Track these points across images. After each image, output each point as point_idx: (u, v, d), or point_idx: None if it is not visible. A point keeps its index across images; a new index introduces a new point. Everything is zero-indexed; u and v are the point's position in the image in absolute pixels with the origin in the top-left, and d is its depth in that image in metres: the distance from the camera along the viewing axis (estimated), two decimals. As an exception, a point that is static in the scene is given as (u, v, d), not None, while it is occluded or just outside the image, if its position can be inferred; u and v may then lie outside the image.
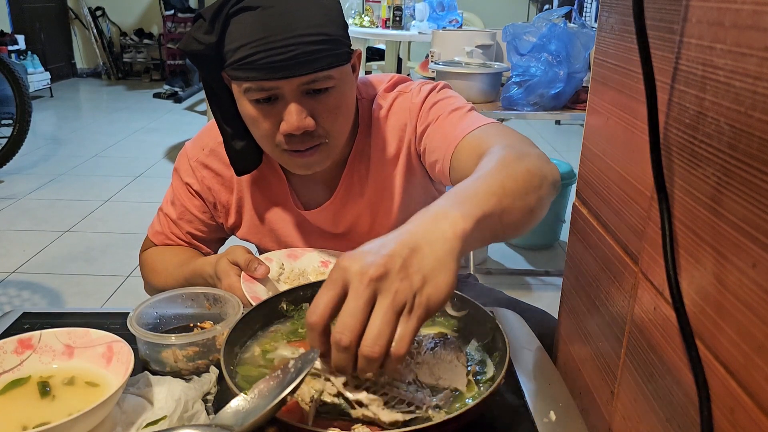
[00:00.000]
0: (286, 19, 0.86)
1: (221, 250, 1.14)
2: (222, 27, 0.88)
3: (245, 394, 0.61)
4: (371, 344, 0.52)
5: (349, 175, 1.08)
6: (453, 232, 0.57)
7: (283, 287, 1.00)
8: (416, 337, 0.74)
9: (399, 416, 0.60)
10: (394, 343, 0.53)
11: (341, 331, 0.53)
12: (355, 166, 1.08)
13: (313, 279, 1.03)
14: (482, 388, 0.67)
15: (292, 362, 0.61)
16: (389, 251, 0.55)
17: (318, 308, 0.55)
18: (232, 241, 1.21)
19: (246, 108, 0.93)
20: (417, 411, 0.62)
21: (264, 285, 0.97)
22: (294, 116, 0.89)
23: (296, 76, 0.87)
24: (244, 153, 1.01)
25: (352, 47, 0.95)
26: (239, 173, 1.04)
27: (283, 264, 1.04)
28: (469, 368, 0.70)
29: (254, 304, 0.88)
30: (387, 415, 0.60)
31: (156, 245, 1.17)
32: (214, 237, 1.18)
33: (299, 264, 1.06)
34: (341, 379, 0.63)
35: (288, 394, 0.56)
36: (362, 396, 0.61)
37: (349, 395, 0.61)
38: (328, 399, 0.63)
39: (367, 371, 0.54)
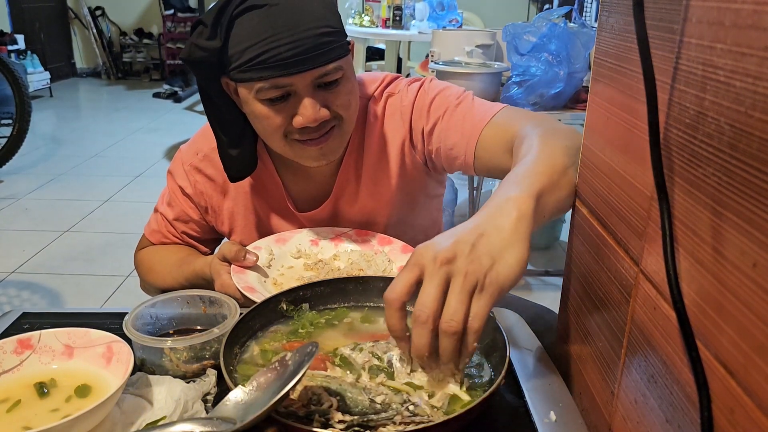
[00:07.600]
0: (293, 15, 0.86)
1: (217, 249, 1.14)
2: (226, 30, 0.87)
3: (243, 386, 0.61)
4: (448, 319, 0.57)
5: (344, 176, 1.08)
6: (518, 212, 0.62)
7: (274, 273, 1.00)
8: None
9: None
10: (470, 319, 0.58)
11: (420, 309, 0.58)
12: (349, 165, 1.08)
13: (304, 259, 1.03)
14: (480, 391, 0.67)
15: (289, 355, 0.61)
16: (457, 238, 0.60)
17: (396, 287, 0.59)
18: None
19: (256, 108, 0.92)
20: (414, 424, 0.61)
21: (255, 273, 0.97)
22: (310, 110, 0.90)
23: (309, 69, 0.88)
24: (238, 159, 1.01)
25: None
26: (233, 180, 1.03)
27: (272, 250, 1.04)
28: (468, 369, 0.70)
29: (247, 294, 0.88)
30: None
31: (153, 243, 1.17)
32: (209, 237, 1.18)
33: (288, 247, 1.06)
34: (333, 402, 0.62)
35: (290, 389, 0.56)
36: None
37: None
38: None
39: (448, 348, 0.58)
